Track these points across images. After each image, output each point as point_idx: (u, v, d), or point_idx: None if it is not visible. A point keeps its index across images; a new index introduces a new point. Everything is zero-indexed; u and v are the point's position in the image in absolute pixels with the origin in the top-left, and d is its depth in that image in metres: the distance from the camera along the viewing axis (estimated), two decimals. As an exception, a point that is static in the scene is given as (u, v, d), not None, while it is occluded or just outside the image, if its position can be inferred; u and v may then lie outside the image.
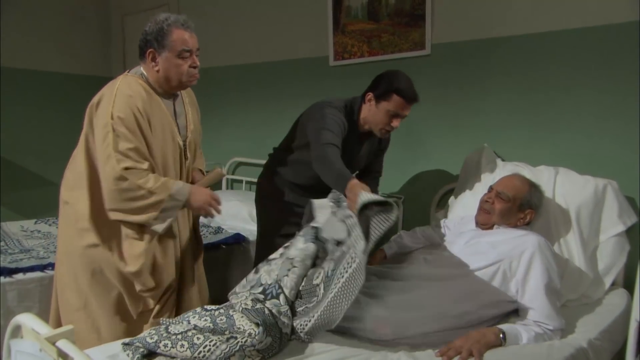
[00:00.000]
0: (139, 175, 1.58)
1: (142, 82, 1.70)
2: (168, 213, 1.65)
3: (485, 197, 1.77)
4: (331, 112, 1.84)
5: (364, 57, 2.75)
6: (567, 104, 2.10)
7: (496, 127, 2.31)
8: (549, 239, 1.84)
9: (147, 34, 1.67)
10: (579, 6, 2.03)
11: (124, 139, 1.59)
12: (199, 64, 1.72)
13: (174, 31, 1.64)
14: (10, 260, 2.11)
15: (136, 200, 1.60)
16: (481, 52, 2.33)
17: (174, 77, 1.69)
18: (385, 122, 1.87)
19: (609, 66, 1.98)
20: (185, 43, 1.65)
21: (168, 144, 1.71)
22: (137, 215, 1.62)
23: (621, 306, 1.73)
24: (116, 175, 1.57)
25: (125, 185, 1.58)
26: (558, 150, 2.13)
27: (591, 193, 1.86)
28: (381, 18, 2.66)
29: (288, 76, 3.20)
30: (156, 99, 1.71)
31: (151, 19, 1.69)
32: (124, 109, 1.60)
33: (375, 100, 1.86)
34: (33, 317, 1.10)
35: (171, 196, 1.63)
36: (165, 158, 1.71)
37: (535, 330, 1.42)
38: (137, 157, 1.60)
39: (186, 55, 1.67)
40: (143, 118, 1.63)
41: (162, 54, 1.66)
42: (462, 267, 1.59)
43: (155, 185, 1.60)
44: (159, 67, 1.68)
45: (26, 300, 1.96)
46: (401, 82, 1.82)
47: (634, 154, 1.91)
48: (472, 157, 2.22)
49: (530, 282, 1.51)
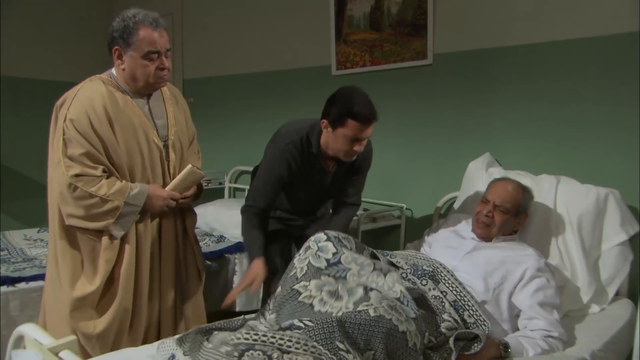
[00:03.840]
0: (91, 183, 1.53)
1: (108, 82, 1.64)
2: (126, 219, 1.59)
3: (484, 210, 1.72)
4: (273, 160, 1.81)
5: (366, 67, 2.77)
6: (569, 113, 2.10)
7: (498, 135, 2.32)
8: (550, 248, 1.85)
9: (113, 30, 1.59)
10: (580, 17, 2.04)
11: (74, 144, 1.54)
12: (167, 65, 1.63)
13: (140, 30, 1.55)
14: (13, 269, 2.11)
15: (90, 208, 1.54)
16: (483, 62, 2.34)
17: (140, 78, 1.61)
18: (347, 148, 1.71)
19: (610, 76, 1.99)
20: (152, 44, 1.57)
21: (141, 145, 1.64)
22: (93, 222, 1.56)
23: (625, 317, 1.72)
24: (66, 182, 1.52)
25: (77, 194, 1.53)
26: (560, 159, 2.13)
27: (593, 202, 1.85)
28: (383, 28, 2.68)
29: (290, 85, 3.21)
30: (124, 99, 1.64)
31: (119, 13, 1.60)
32: (78, 112, 1.55)
33: (331, 126, 1.70)
34: (36, 327, 1.10)
35: (127, 202, 1.57)
36: (133, 159, 1.63)
37: (541, 346, 1.41)
38: (88, 162, 1.54)
39: (153, 56, 1.58)
40: (101, 120, 1.56)
41: (127, 53, 1.58)
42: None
43: (109, 191, 1.54)
44: (125, 65, 1.61)
45: (28, 310, 1.96)
46: (354, 104, 1.64)
47: (636, 163, 1.91)
48: (474, 165, 2.22)
49: (531, 297, 1.52)
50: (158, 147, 1.69)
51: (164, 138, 1.73)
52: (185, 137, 1.82)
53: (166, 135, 1.74)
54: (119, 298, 1.62)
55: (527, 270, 1.57)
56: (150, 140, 1.67)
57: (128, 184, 1.60)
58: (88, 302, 1.60)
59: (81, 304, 1.59)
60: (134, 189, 1.60)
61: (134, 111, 1.65)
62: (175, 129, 1.76)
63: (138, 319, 1.68)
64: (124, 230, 1.61)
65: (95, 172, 1.55)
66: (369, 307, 1.27)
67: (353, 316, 1.23)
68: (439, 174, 2.54)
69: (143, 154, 1.65)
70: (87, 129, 1.54)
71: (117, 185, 1.57)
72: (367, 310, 1.25)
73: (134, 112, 1.65)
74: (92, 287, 1.59)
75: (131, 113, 1.64)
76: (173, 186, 1.70)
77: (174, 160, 1.75)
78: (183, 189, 1.74)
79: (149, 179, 1.68)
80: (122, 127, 1.60)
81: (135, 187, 1.61)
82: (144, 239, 1.67)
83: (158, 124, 1.72)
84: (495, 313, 1.55)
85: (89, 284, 1.60)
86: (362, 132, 1.68)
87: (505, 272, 1.58)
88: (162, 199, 1.66)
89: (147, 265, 1.68)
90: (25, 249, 2.50)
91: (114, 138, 1.59)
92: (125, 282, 1.62)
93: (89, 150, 1.54)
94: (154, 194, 1.64)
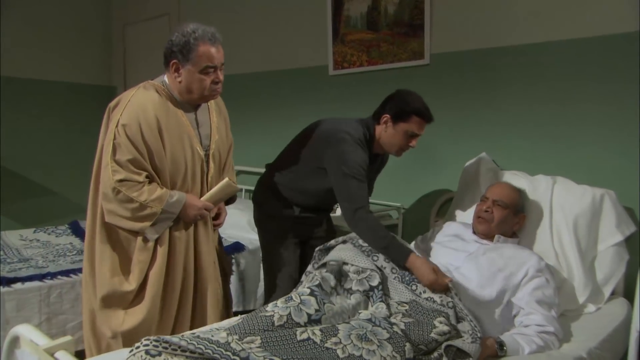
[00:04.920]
0: (133, 188, 1.60)
1: (161, 90, 1.70)
2: (161, 224, 1.66)
3: (483, 206, 1.79)
4: (355, 155, 1.78)
5: (363, 67, 2.77)
6: (566, 113, 2.11)
7: (495, 136, 2.32)
8: (546, 248, 1.86)
9: (172, 44, 1.63)
10: (579, 16, 2.04)
11: (123, 149, 1.60)
12: (222, 79, 1.69)
13: (200, 46, 1.61)
14: (8, 269, 2.11)
15: (130, 211, 1.61)
16: (480, 62, 2.35)
17: (195, 91, 1.67)
18: (404, 143, 1.86)
19: (608, 76, 1.99)
20: (210, 59, 1.63)
21: (186, 154, 1.69)
22: (131, 222, 1.63)
23: (621, 315, 1.73)
24: (111, 185, 1.60)
25: (119, 197, 1.60)
26: (556, 160, 2.14)
27: (589, 203, 1.86)
28: (380, 28, 2.68)
29: (288, 85, 3.21)
30: (174, 109, 1.70)
31: (178, 27, 1.65)
32: (130, 117, 1.61)
33: (393, 121, 1.83)
34: (31, 328, 1.10)
35: (164, 210, 1.63)
36: (177, 167, 1.68)
37: (537, 342, 1.42)
38: (133, 168, 1.60)
39: (210, 71, 1.64)
40: (151, 128, 1.62)
41: (185, 67, 1.64)
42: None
43: (149, 198, 1.61)
44: (182, 78, 1.66)
45: (25, 310, 1.96)
46: (418, 102, 1.82)
47: (634, 164, 1.91)
48: (471, 166, 2.22)
49: (530, 294, 1.54)
50: (200, 156, 1.74)
51: (205, 148, 1.77)
52: (225, 148, 1.88)
53: (208, 145, 1.78)
54: (150, 299, 1.67)
55: (528, 270, 1.59)
56: (195, 150, 1.72)
57: (167, 192, 1.65)
58: (122, 300, 1.67)
59: (114, 301, 1.66)
60: (173, 196, 1.66)
61: (183, 121, 1.71)
62: (217, 138, 1.81)
63: (165, 321, 1.72)
64: (158, 234, 1.67)
65: (139, 178, 1.60)
66: (337, 348, 1.22)
67: (323, 355, 1.18)
68: (436, 174, 2.54)
69: (187, 162, 1.70)
70: (136, 136, 1.60)
71: (157, 192, 1.63)
72: (335, 350, 1.21)
73: (183, 122, 1.71)
74: (129, 287, 1.66)
75: (180, 122, 1.70)
76: (209, 197, 1.76)
77: (213, 170, 1.81)
78: (217, 201, 1.81)
79: (188, 188, 1.73)
80: (170, 136, 1.66)
81: (174, 195, 1.66)
82: (178, 243, 1.72)
83: (202, 133, 1.77)
84: (497, 313, 1.56)
85: (125, 282, 1.67)
86: (421, 129, 1.84)
87: (509, 273, 1.60)
88: (197, 209, 1.71)
89: (181, 269, 1.73)
90: (21, 250, 2.50)
91: (161, 146, 1.64)
92: (156, 284, 1.67)
93: (135, 157, 1.60)
94: (190, 203, 1.69)
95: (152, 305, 1.67)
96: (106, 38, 4.46)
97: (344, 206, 1.77)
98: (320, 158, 1.85)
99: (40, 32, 3.98)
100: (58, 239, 2.79)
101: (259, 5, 3.33)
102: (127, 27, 4.35)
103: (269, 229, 2.04)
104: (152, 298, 1.67)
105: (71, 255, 2.45)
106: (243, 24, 3.46)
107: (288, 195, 1.96)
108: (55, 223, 3.31)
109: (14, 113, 3.82)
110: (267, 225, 2.05)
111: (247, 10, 3.42)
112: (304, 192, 1.94)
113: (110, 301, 1.66)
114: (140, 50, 4.25)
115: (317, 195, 1.93)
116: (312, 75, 3.04)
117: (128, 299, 1.68)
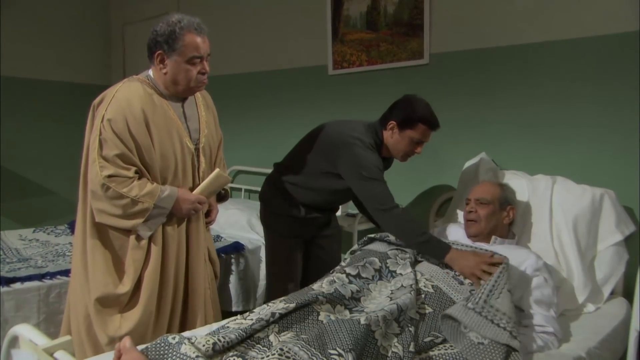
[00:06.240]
0: (123, 184, 1.56)
1: (146, 84, 1.66)
2: (154, 221, 1.62)
3: (467, 209, 1.82)
4: (371, 158, 1.79)
5: (363, 66, 2.77)
6: (565, 113, 2.11)
7: (494, 136, 2.32)
8: (546, 248, 1.86)
9: (157, 34, 1.60)
10: (578, 16, 2.04)
11: (110, 144, 1.56)
12: (208, 70, 1.67)
13: (186, 35, 1.58)
14: (8, 269, 2.11)
15: (121, 208, 1.57)
16: (479, 62, 2.35)
17: (181, 82, 1.64)
18: (410, 149, 1.88)
19: (608, 76, 1.99)
20: (196, 49, 1.60)
21: (175, 148, 1.66)
22: (122, 220, 1.59)
23: (621, 315, 1.73)
24: (100, 182, 1.55)
25: (109, 194, 1.56)
26: (556, 160, 2.14)
27: (588, 202, 1.86)
28: (380, 28, 2.68)
29: (287, 85, 3.21)
30: (161, 102, 1.66)
31: (163, 18, 1.62)
32: (115, 112, 1.57)
33: (399, 128, 1.84)
34: (30, 327, 1.10)
35: (156, 205, 1.60)
36: (166, 162, 1.65)
37: (536, 342, 1.42)
38: (121, 163, 1.56)
39: (196, 61, 1.62)
40: (138, 121, 1.58)
41: (171, 57, 1.60)
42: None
43: (140, 193, 1.57)
44: (167, 70, 1.63)
45: (24, 310, 1.96)
46: (425, 109, 1.83)
47: (633, 164, 1.91)
48: (470, 165, 2.22)
49: (530, 295, 1.53)
50: (190, 150, 1.71)
51: (195, 142, 1.75)
52: (215, 142, 1.86)
53: (197, 139, 1.76)
54: (145, 300, 1.63)
55: (525, 269, 1.59)
56: (184, 144, 1.69)
57: (159, 187, 1.62)
58: (117, 302, 1.63)
59: (109, 303, 1.62)
60: (164, 191, 1.62)
61: (170, 114, 1.67)
62: (206, 133, 1.78)
63: (161, 321, 1.70)
64: (151, 231, 1.64)
65: (128, 173, 1.57)
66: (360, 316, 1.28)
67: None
68: (436, 174, 2.54)
69: (176, 156, 1.67)
70: (123, 130, 1.56)
71: (148, 187, 1.59)
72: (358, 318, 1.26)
73: (170, 115, 1.67)
74: (124, 288, 1.62)
75: (167, 116, 1.66)
76: (200, 189, 1.72)
77: (204, 164, 1.78)
78: (210, 193, 1.77)
79: (179, 182, 1.70)
80: (158, 129, 1.62)
81: (165, 190, 1.63)
82: (171, 241, 1.69)
83: (191, 127, 1.74)
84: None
85: (119, 284, 1.63)
86: (427, 136, 1.87)
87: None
88: (190, 203, 1.68)
89: (173, 267, 1.70)
90: (20, 249, 2.49)
91: (149, 140, 1.61)
92: (152, 284, 1.64)
93: (123, 152, 1.57)
94: (182, 198, 1.66)
95: (148, 307, 1.64)
96: (105, 38, 4.45)
97: (373, 208, 1.77)
98: (333, 163, 1.85)
99: (39, 31, 3.96)
100: (57, 238, 2.79)
101: (259, 4, 3.33)
102: (126, 27, 4.35)
103: (275, 227, 2.05)
104: (148, 299, 1.63)
105: (70, 255, 2.44)
106: (242, 24, 3.46)
107: (296, 195, 1.96)
108: (55, 223, 3.31)
109: (13, 113, 3.81)
110: (273, 224, 2.06)
111: (246, 9, 3.42)
112: (312, 193, 1.95)
113: (106, 304, 1.61)
114: (140, 50, 4.19)
115: (324, 196, 1.94)
116: (311, 75, 3.04)
117: (123, 301, 1.63)
